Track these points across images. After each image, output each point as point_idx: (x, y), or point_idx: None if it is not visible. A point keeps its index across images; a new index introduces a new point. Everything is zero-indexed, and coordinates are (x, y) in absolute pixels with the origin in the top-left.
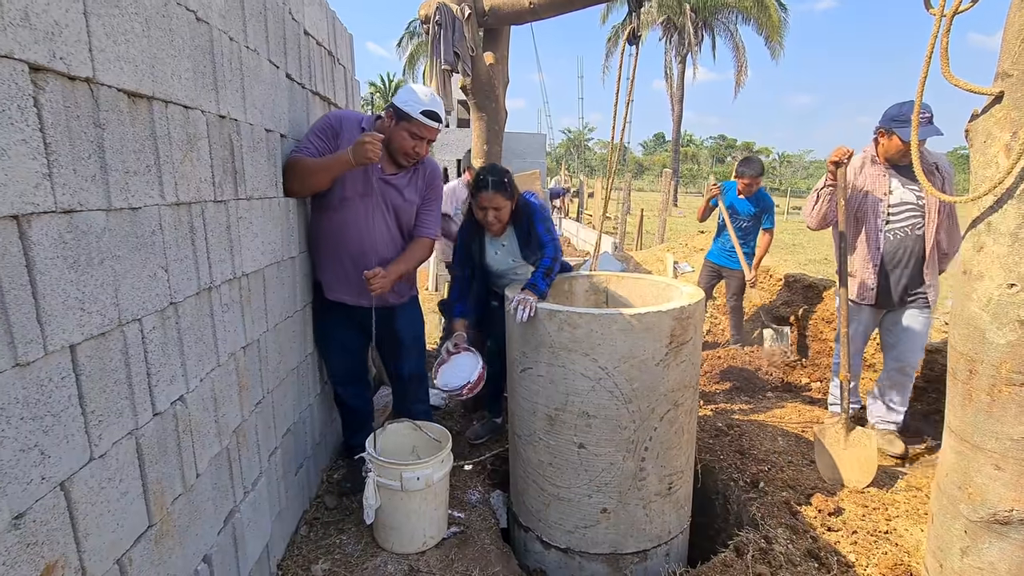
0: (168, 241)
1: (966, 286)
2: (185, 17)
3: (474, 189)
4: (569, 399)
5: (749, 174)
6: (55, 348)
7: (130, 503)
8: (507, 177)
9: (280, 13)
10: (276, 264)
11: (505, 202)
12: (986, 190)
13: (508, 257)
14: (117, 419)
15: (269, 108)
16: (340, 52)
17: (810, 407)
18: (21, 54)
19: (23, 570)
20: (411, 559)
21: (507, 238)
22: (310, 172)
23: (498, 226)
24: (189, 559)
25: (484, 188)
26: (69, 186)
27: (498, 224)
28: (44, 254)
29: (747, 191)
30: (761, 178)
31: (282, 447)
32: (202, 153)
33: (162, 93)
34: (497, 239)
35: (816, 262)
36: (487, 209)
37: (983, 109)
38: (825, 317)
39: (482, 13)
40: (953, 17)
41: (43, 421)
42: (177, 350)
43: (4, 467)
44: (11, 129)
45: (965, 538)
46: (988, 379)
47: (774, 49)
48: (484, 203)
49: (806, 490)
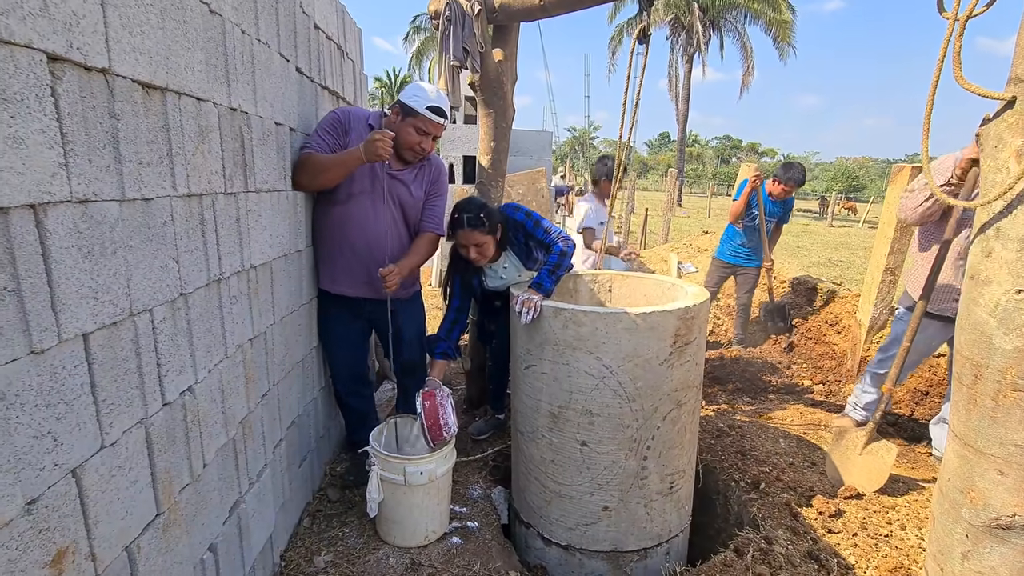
0: (179, 232)
1: (973, 291)
2: (199, 9)
3: (450, 228)
4: (573, 397)
5: (793, 181)
6: (69, 336)
7: (139, 491)
8: (483, 211)
9: (291, 7)
10: (284, 257)
11: (484, 237)
12: (996, 195)
13: (513, 275)
14: (127, 408)
15: (279, 101)
16: (349, 46)
17: (812, 409)
18: (40, 44)
19: (36, 555)
20: (413, 553)
21: (506, 261)
22: (323, 168)
23: (483, 261)
24: (195, 548)
25: (460, 227)
26: (84, 176)
27: (483, 259)
28: (59, 243)
29: (782, 196)
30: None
31: (287, 439)
32: (213, 145)
33: (175, 85)
34: (495, 266)
35: (819, 264)
36: (468, 247)
37: (995, 114)
38: (829, 320)
39: (492, 9)
40: (967, 21)
41: (56, 408)
42: (186, 341)
43: (18, 453)
44: (29, 118)
45: (966, 542)
46: (993, 384)
47: (782, 49)
48: (463, 241)
49: (807, 492)
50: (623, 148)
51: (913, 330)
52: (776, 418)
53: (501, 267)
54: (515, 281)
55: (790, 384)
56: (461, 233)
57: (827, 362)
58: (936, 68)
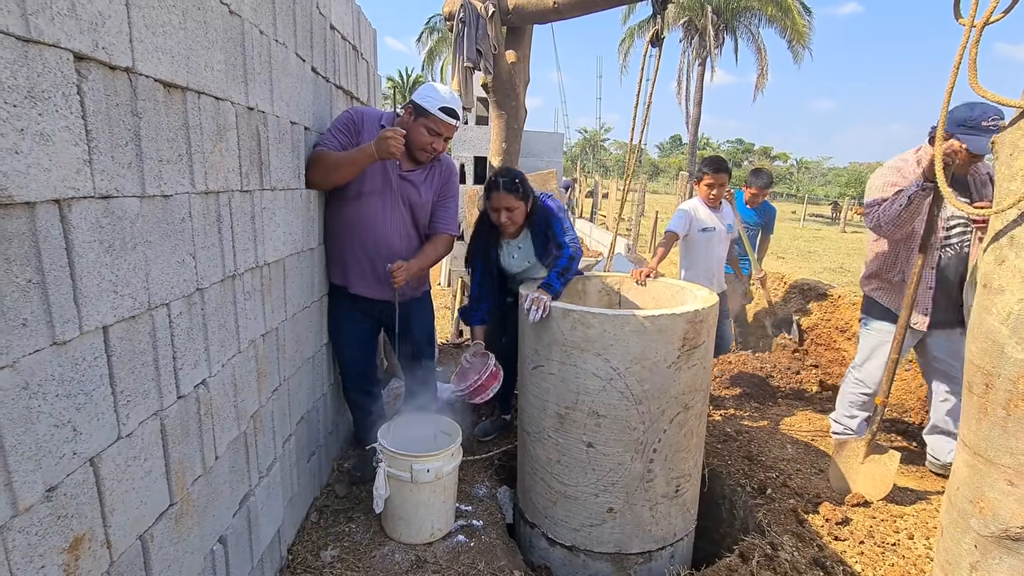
0: (196, 228)
1: (985, 299)
2: (219, 10)
3: (486, 191)
4: (579, 398)
5: (758, 184)
6: (90, 328)
7: (153, 481)
8: (519, 178)
9: (308, 7)
10: (296, 254)
11: (518, 203)
12: (1010, 203)
13: (524, 260)
14: (144, 400)
15: (295, 101)
16: (364, 47)
17: (820, 415)
18: (67, 43)
19: (54, 541)
20: (418, 549)
21: (523, 240)
22: (336, 166)
23: (512, 228)
24: (206, 539)
25: (495, 189)
26: (107, 172)
27: (512, 225)
28: (82, 237)
29: (753, 201)
30: (768, 190)
31: (296, 434)
32: (231, 144)
33: (196, 84)
34: (513, 242)
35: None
36: (499, 210)
37: (1010, 121)
38: (839, 326)
39: (506, 11)
40: (984, 27)
41: (76, 399)
42: (201, 335)
43: (39, 441)
44: (56, 116)
45: (975, 553)
46: (1005, 394)
47: (797, 52)
48: (496, 204)
49: (814, 498)
50: (634, 151)
51: (899, 343)
52: (784, 424)
53: (516, 245)
54: (524, 267)
55: (799, 389)
56: (496, 196)
57: (836, 368)
58: (952, 74)
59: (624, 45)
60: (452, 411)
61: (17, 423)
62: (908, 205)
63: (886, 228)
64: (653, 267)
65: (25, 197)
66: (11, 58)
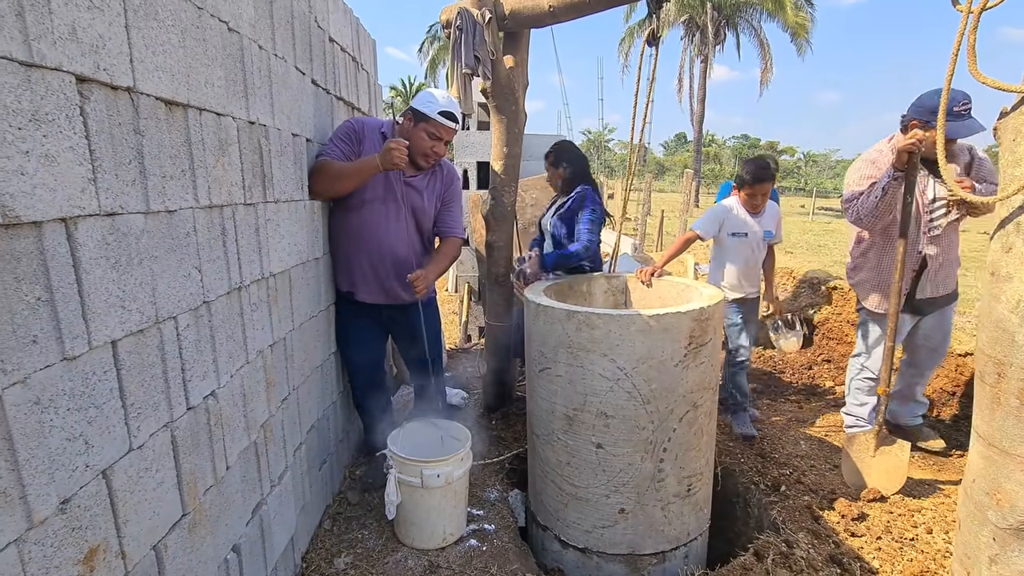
0: (201, 242)
1: (994, 288)
2: (218, 28)
3: None
4: (587, 399)
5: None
6: (99, 343)
7: (165, 492)
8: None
9: (306, 21)
10: (302, 265)
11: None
12: (1015, 189)
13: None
14: (154, 412)
15: (296, 113)
16: (363, 58)
17: (834, 411)
18: (69, 67)
19: (69, 552)
20: (431, 555)
21: (554, 208)
22: (340, 176)
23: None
24: (219, 548)
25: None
26: (112, 190)
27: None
28: (89, 254)
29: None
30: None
31: (307, 443)
32: (233, 158)
33: (197, 101)
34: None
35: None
36: None
37: (1013, 107)
38: (851, 320)
39: (502, 17)
40: (980, 13)
41: (87, 412)
42: (209, 347)
43: (52, 455)
44: (60, 137)
45: (994, 545)
46: (1017, 382)
47: (800, 45)
48: None
49: (829, 495)
50: (635, 150)
51: (893, 328)
52: (797, 420)
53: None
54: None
55: (811, 385)
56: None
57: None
58: (951, 61)
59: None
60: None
61: (30, 437)
62: (883, 196)
63: (866, 221)
64: (659, 266)
65: (32, 217)
66: (15, 83)
